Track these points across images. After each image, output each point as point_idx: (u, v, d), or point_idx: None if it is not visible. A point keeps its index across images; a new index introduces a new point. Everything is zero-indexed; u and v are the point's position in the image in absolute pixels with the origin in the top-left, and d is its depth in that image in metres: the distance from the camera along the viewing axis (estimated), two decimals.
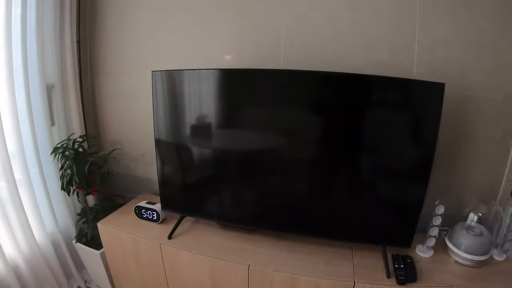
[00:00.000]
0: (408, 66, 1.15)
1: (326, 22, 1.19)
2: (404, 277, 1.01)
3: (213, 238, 1.21)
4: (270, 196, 1.20)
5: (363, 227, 1.12)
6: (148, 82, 1.41)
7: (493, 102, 1.16)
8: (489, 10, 1.07)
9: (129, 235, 1.23)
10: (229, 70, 1.16)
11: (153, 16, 1.43)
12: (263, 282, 1.05)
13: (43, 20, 1.37)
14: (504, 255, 1.15)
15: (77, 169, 1.26)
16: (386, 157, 1.07)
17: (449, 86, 1.10)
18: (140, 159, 1.63)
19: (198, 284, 1.16)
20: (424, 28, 1.13)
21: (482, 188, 1.25)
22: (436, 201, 1.11)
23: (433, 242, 1.14)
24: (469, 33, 1.11)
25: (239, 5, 1.27)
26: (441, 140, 1.16)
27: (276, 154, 1.13)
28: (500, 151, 1.21)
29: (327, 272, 1.03)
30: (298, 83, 1.06)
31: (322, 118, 1.06)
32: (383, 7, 1.14)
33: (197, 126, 1.18)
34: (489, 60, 1.13)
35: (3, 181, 1.29)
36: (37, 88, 1.38)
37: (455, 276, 1.04)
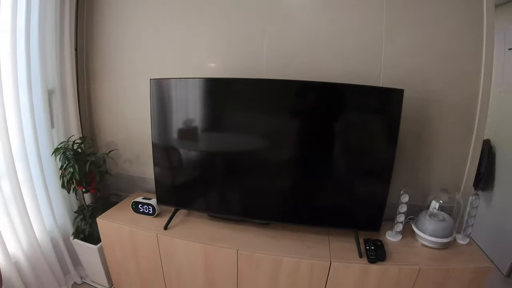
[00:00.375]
0: (376, 75, 1.37)
1: (304, 35, 1.40)
2: (375, 257, 1.20)
3: (204, 228, 1.39)
4: (254, 190, 1.39)
5: (337, 215, 1.33)
6: (141, 88, 1.61)
7: (453, 105, 1.39)
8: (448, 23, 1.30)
9: (127, 228, 1.39)
10: (217, 79, 1.36)
11: (147, 27, 1.60)
12: (251, 264, 1.23)
13: (45, 29, 1.52)
14: (467, 239, 1.35)
15: (78, 168, 1.40)
16: (355, 154, 1.28)
17: (413, 91, 1.33)
18: (134, 160, 1.78)
19: (192, 269, 1.33)
20: (390, 41, 1.35)
21: (446, 181, 1.46)
22: (401, 191, 1.32)
23: (400, 227, 1.34)
24: (431, 44, 1.33)
25: (226, 20, 1.47)
26: (406, 139, 1.40)
27: (258, 154, 1.32)
28: (461, 148, 1.43)
29: (307, 254, 1.22)
30: (276, 90, 1.25)
31: (298, 122, 1.26)
32: (354, 23, 1.36)
33: (189, 129, 1.36)
34: (448, 68, 1.35)
35: (7, 181, 1.42)
36: (39, 93, 1.52)
37: (421, 256, 1.24)
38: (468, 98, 1.37)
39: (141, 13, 1.59)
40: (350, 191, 1.30)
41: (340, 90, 1.21)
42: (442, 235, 1.28)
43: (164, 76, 1.36)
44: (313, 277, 1.19)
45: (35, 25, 1.47)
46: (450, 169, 1.46)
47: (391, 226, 1.38)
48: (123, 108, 1.74)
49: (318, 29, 1.39)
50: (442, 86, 1.36)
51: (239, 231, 1.36)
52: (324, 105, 1.22)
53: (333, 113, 1.22)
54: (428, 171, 1.46)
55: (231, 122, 1.36)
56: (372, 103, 1.22)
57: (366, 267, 1.16)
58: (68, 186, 1.46)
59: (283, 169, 1.33)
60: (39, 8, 1.47)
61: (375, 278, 1.17)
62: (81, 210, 1.65)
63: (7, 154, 1.38)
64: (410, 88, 1.32)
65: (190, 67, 1.57)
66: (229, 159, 1.38)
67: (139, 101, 1.68)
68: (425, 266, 1.17)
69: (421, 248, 1.29)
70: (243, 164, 1.36)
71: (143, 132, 1.69)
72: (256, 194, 1.39)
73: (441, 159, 1.45)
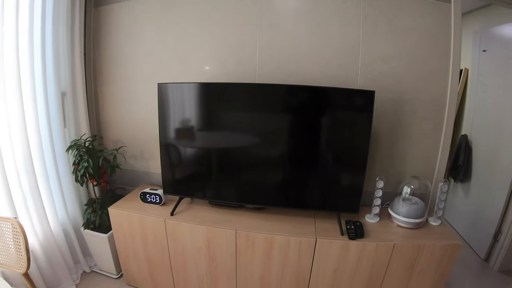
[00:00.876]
0: (354, 78, 1.63)
1: (290, 45, 1.65)
2: (354, 234, 1.44)
3: (206, 213, 1.63)
4: (249, 180, 1.64)
5: (321, 199, 1.58)
6: (143, 91, 1.86)
7: (424, 102, 1.65)
8: (418, 31, 1.56)
9: (137, 215, 1.61)
10: (218, 84, 1.61)
11: (150, 35, 1.84)
12: (247, 241, 1.47)
13: (58, 36, 1.74)
14: (439, 220, 1.60)
15: (92, 163, 1.62)
16: (335, 147, 1.54)
17: (387, 91, 1.60)
18: (139, 156, 2.01)
19: (195, 249, 1.56)
20: (366, 48, 1.61)
21: (420, 170, 1.73)
22: (377, 178, 1.57)
23: (377, 210, 1.59)
24: (402, 50, 1.60)
25: (224, 32, 1.72)
26: (382, 133, 1.66)
27: (253, 149, 1.57)
28: (432, 140, 1.70)
29: (295, 232, 1.46)
30: (267, 93, 1.51)
31: (285, 120, 1.52)
32: (334, 34, 1.62)
33: (191, 128, 1.61)
34: (418, 70, 1.62)
35: (25, 176, 1.64)
36: (53, 95, 1.74)
37: (396, 235, 1.48)
38: (438, 96, 1.63)
39: (145, 21, 1.83)
40: (332, 179, 1.55)
41: (319, 92, 1.47)
42: (415, 216, 1.53)
43: (166, 80, 1.61)
44: (302, 252, 1.43)
45: (49, 33, 1.69)
46: (423, 159, 1.72)
47: (370, 210, 1.63)
48: (128, 109, 1.98)
49: (301, 39, 1.64)
50: (413, 86, 1.63)
51: (236, 215, 1.60)
52: (307, 105, 1.47)
53: (315, 112, 1.47)
54: (403, 161, 1.72)
55: (229, 121, 1.60)
56: (348, 103, 1.48)
57: (347, 243, 1.41)
58: (82, 180, 1.69)
59: (273, 162, 1.58)
60: (52, 17, 1.69)
61: (355, 252, 1.42)
62: (91, 203, 1.87)
63: (25, 152, 1.60)
64: (384, 88, 1.61)
65: (190, 71, 1.81)
66: (227, 154, 1.62)
67: (142, 102, 1.93)
68: (399, 242, 1.41)
69: (396, 228, 1.54)
70: (240, 157, 1.61)
71: (147, 130, 1.95)
72: (251, 183, 1.64)
73: (415, 150, 1.71)
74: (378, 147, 1.70)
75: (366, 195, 1.62)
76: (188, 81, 1.65)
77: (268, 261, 1.49)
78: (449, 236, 1.48)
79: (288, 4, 1.66)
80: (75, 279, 1.89)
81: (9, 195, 1.53)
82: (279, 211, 1.65)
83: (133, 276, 1.81)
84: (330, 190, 1.55)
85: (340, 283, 1.49)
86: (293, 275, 1.50)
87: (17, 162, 1.58)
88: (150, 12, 1.81)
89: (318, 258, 1.44)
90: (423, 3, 1.56)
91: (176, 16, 1.76)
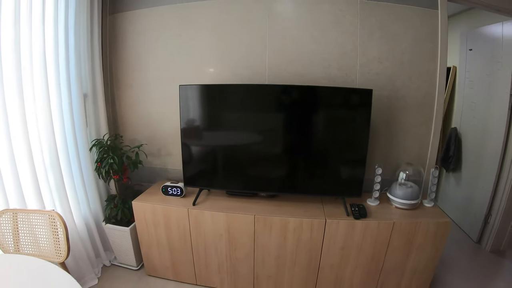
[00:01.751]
0: (353, 78, 1.96)
1: (296, 50, 1.97)
2: (358, 214, 1.75)
3: (225, 202, 1.91)
4: (264, 170, 1.93)
5: (328, 186, 1.89)
6: (161, 92, 2.16)
7: (415, 97, 1.99)
8: (409, 34, 1.90)
9: (161, 206, 1.88)
10: (235, 85, 1.93)
11: (167, 40, 2.11)
12: (265, 225, 1.75)
13: (80, 42, 1.99)
14: (432, 202, 1.93)
15: (117, 159, 1.88)
16: (340, 140, 1.84)
17: (383, 89, 1.93)
18: (156, 153, 2.28)
19: (217, 235, 1.83)
20: (363, 51, 1.93)
21: (414, 157, 2.06)
22: (376, 165, 1.89)
23: (377, 194, 1.91)
24: (394, 52, 1.93)
25: (237, 39, 2.02)
26: (379, 126, 1.99)
27: (264, 143, 1.87)
28: (424, 132, 2.03)
29: (307, 215, 1.75)
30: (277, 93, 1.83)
31: (295, 116, 1.82)
32: (335, 39, 1.94)
33: (208, 126, 1.91)
34: (409, 70, 1.96)
35: (51, 174, 1.88)
36: (76, 97, 1.99)
37: (395, 215, 1.80)
38: (428, 92, 1.97)
39: (159, 28, 2.11)
40: (338, 168, 1.86)
41: (323, 91, 1.80)
42: (410, 198, 1.85)
43: (183, 82, 1.87)
44: (313, 232, 1.73)
45: (71, 39, 1.94)
46: (417, 149, 2.06)
47: (371, 195, 1.95)
48: (144, 110, 2.25)
49: (305, 44, 1.96)
50: (406, 84, 1.96)
51: (252, 203, 1.89)
52: (313, 103, 1.80)
53: (320, 109, 1.80)
54: (398, 151, 2.06)
55: (242, 119, 1.90)
56: (349, 100, 1.80)
57: (352, 222, 1.71)
58: (106, 176, 1.94)
59: (286, 154, 1.90)
60: (74, 25, 1.94)
61: (360, 230, 1.72)
62: (112, 199, 2.12)
63: (52, 151, 1.84)
64: (380, 87, 1.95)
65: (204, 75, 2.11)
66: (242, 149, 1.92)
67: (158, 104, 2.21)
68: (398, 221, 1.72)
69: (395, 210, 1.86)
70: (254, 151, 1.91)
71: (163, 130, 2.23)
72: (265, 174, 1.93)
73: (409, 141, 2.04)
74: (376, 139, 2.02)
75: (366, 182, 1.93)
76: (204, 83, 1.94)
77: (283, 242, 1.78)
78: (441, 215, 1.80)
79: (294, 13, 1.97)
80: (97, 272, 2.13)
81: (38, 191, 1.76)
82: (290, 198, 1.95)
83: (154, 266, 2.07)
84: (336, 178, 1.86)
85: (348, 259, 1.79)
86: (306, 254, 1.79)
87: (45, 160, 1.82)
88: (164, 19, 2.09)
89: (328, 237, 1.74)
90: (413, 10, 1.89)
91: (190, 23, 2.05)
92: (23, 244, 1.53)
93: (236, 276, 1.94)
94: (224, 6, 2.00)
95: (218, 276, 1.97)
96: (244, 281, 1.94)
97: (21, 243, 1.53)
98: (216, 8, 2.01)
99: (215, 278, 1.98)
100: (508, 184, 2.32)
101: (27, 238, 1.54)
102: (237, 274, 1.93)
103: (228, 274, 1.94)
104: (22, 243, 1.53)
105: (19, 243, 1.53)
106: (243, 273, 1.92)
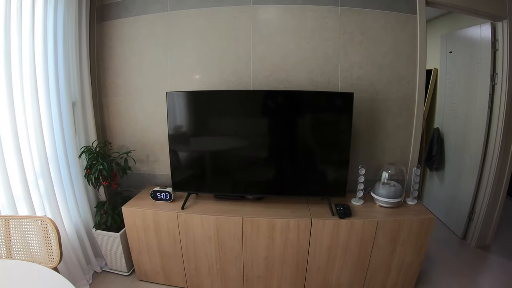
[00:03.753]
0: (335, 83, 2.04)
1: (280, 56, 2.04)
2: (343, 214, 1.81)
3: (213, 206, 1.96)
4: (251, 174, 1.98)
5: (313, 187, 1.95)
6: (148, 99, 2.20)
7: (396, 100, 2.07)
8: (388, 39, 1.99)
9: (150, 211, 1.91)
10: (222, 91, 1.99)
11: (152, 49, 2.17)
12: (252, 226, 1.80)
13: (68, 50, 2.03)
14: (415, 200, 2.00)
15: (106, 166, 1.91)
16: (323, 143, 1.91)
17: (364, 92, 2.01)
18: (144, 159, 2.31)
19: (206, 238, 1.87)
20: (344, 57, 2.02)
21: (397, 158, 2.14)
22: (359, 166, 1.96)
23: (361, 194, 1.98)
24: (374, 57, 2.02)
25: (223, 46, 2.08)
26: (362, 128, 2.07)
27: (251, 147, 1.93)
28: (405, 133, 2.12)
29: (293, 216, 1.81)
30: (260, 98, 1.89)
31: (278, 121, 1.89)
32: (318, 45, 2.02)
33: (194, 132, 1.95)
34: (389, 74, 2.04)
35: (41, 180, 1.90)
36: (65, 104, 2.02)
37: (379, 213, 1.87)
38: (408, 95, 2.06)
39: (146, 36, 2.17)
40: (322, 169, 1.93)
41: (306, 96, 1.88)
42: (394, 197, 1.92)
43: (168, 90, 1.93)
44: (300, 232, 1.78)
45: (60, 47, 1.98)
46: (399, 149, 2.14)
47: (355, 195, 2.02)
48: (132, 117, 2.29)
49: (290, 50, 2.04)
50: (386, 87, 2.05)
51: (240, 206, 1.94)
52: (296, 108, 1.87)
53: (305, 113, 1.88)
54: (381, 151, 2.14)
55: (226, 125, 1.96)
56: (332, 104, 1.87)
57: (337, 221, 1.77)
58: (96, 183, 1.97)
59: (271, 157, 1.95)
60: (63, 33, 1.98)
61: (345, 229, 1.78)
62: (102, 205, 2.14)
63: (42, 158, 1.87)
64: (362, 90, 2.03)
65: (192, 81, 2.16)
66: (228, 153, 1.97)
67: (146, 111, 2.25)
68: (382, 218, 1.79)
69: (378, 208, 1.93)
70: (239, 156, 1.96)
71: (150, 136, 2.28)
72: (251, 177, 1.99)
73: (391, 142, 2.12)
74: (359, 140, 2.10)
75: (351, 183, 2.00)
76: (191, 89, 2.00)
77: (271, 242, 1.82)
78: (424, 212, 1.88)
79: (278, 20, 2.04)
80: (88, 279, 2.14)
81: (28, 198, 1.78)
82: (277, 200, 2.01)
83: (145, 271, 2.09)
84: (321, 179, 1.93)
85: (335, 259, 1.84)
86: (294, 254, 1.84)
87: (35, 167, 1.85)
88: (152, 27, 2.14)
89: (315, 237, 1.79)
90: (393, 16, 1.99)
91: (177, 31, 2.11)
92: (15, 250, 1.55)
93: (226, 277, 1.98)
94: (210, 14, 2.07)
95: (209, 278, 2.00)
96: (234, 282, 1.98)
97: (13, 249, 1.55)
98: (203, 17, 2.07)
99: (206, 281, 2.01)
100: (489, 182, 2.42)
101: (19, 244, 1.56)
102: (227, 276, 1.97)
103: (218, 276, 1.98)
104: (14, 249, 1.55)
105: (11, 249, 1.55)
106: (233, 274, 1.96)
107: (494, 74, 2.31)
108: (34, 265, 1.34)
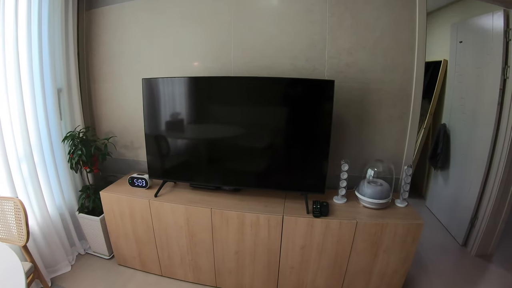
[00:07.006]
0: (321, 70, 1.84)
1: (263, 41, 1.87)
2: (319, 213, 1.64)
3: (187, 195, 1.86)
4: (226, 164, 1.85)
5: (290, 181, 1.78)
6: (133, 87, 2.10)
7: (390, 91, 1.84)
8: (382, 23, 1.74)
9: (125, 197, 1.85)
10: (199, 78, 1.84)
11: (139, 36, 2.08)
12: (222, 219, 1.69)
13: (54, 37, 1.99)
14: (405, 202, 1.78)
15: (86, 151, 1.86)
16: (301, 133, 1.71)
17: (354, 81, 1.80)
18: (129, 145, 2.26)
19: (177, 226, 1.79)
20: (332, 42, 1.81)
21: (389, 154, 1.91)
22: (341, 161, 1.76)
23: (344, 191, 1.79)
24: (366, 42, 1.78)
25: (203, 30, 1.95)
26: (350, 120, 1.86)
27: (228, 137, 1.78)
28: (399, 126, 1.87)
29: (265, 211, 1.67)
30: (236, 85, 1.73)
31: (256, 110, 1.73)
32: (303, 29, 1.82)
33: (173, 119, 1.83)
34: (383, 61, 1.80)
35: (25, 164, 1.89)
36: (50, 91, 1.99)
37: (361, 214, 1.67)
38: (404, 86, 1.81)
39: (132, 23, 2.08)
40: (300, 162, 1.74)
41: (282, 82, 1.70)
42: (379, 198, 1.71)
43: (154, 76, 1.83)
44: (271, 229, 1.64)
45: (45, 34, 1.93)
46: (392, 144, 1.90)
47: (338, 193, 1.83)
48: (118, 103, 2.23)
49: (273, 35, 1.85)
50: (378, 76, 1.81)
51: (215, 197, 1.83)
52: (274, 95, 1.69)
53: (282, 101, 1.70)
54: (373, 147, 1.91)
55: (207, 112, 1.81)
56: (311, 92, 1.65)
57: (311, 220, 1.61)
58: (76, 167, 1.93)
59: (248, 148, 1.79)
60: (48, 20, 1.93)
61: (320, 229, 1.61)
62: (86, 189, 2.12)
63: (25, 142, 1.85)
64: (351, 79, 1.81)
65: (175, 67, 2.05)
66: (206, 142, 1.85)
67: (131, 97, 2.17)
68: (362, 221, 1.59)
69: (362, 209, 1.73)
70: (214, 145, 1.84)
71: (135, 123, 2.20)
72: (226, 167, 1.86)
73: (383, 137, 1.89)
74: (346, 133, 1.89)
75: (335, 179, 1.83)
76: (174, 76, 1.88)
77: (241, 237, 1.70)
78: (413, 216, 1.64)
79: (260, 3, 1.87)
80: (71, 260, 2.14)
81: (11, 181, 1.77)
82: (254, 192, 1.88)
83: (123, 256, 2.05)
84: (298, 173, 1.75)
85: (309, 259, 1.69)
86: (265, 251, 1.71)
87: (18, 151, 1.83)
88: (137, 14, 2.05)
89: (286, 235, 1.65)
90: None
91: (160, 18, 2.00)
92: None
93: (198, 269, 1.89)
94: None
95: (181, 268, 1.92)
96: (206, 275, 1.89)
97: None
98: (185, 1, 1.94)
99: (179, 271, 1.94)
100: (495, 187, 2.12)
101: None
102: (199, 268, 1.89)
103: (190, 267, 1.90)
104: None
105: None
106: (205, 267, 1.87)
107: (506, 67, 1.99)
108: None
